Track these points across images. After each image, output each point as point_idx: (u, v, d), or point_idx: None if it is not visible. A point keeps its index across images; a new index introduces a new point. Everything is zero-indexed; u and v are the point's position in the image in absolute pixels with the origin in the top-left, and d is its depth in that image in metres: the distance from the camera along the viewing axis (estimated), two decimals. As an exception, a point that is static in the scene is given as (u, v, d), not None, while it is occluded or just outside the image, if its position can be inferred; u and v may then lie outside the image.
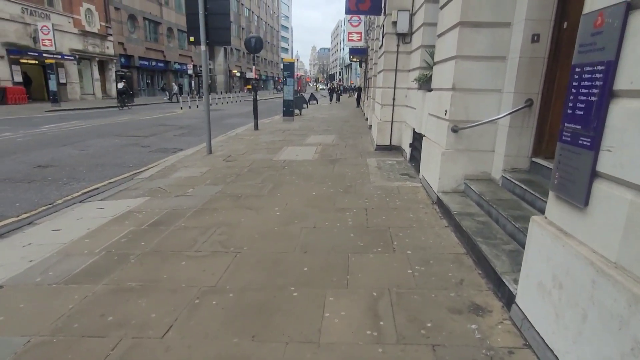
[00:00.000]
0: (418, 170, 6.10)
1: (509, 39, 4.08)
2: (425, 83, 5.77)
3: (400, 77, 7.77)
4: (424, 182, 5.33)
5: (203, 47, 7.68)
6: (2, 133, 11.22)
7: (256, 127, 12.49)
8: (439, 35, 4.91)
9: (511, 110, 3.96)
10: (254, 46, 11.85)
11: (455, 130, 4.34)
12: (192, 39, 7.73)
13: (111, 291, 2.78)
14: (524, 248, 2.79)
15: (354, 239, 3.64)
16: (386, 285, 2.78)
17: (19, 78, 22.73)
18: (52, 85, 21.49)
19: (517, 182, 3.77)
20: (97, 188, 6.01)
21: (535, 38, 3.82)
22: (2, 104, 20.78)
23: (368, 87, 15.84)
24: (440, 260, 3.17)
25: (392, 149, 8.10)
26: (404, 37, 7.56)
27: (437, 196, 4.52)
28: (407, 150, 7.13)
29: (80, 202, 5.27)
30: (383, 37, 7.89)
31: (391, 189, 5.28)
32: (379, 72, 9.02)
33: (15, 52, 22.13)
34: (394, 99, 7.88)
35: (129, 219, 4.36)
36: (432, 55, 5.99)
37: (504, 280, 2.51)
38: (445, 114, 4.46)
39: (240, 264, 3.16)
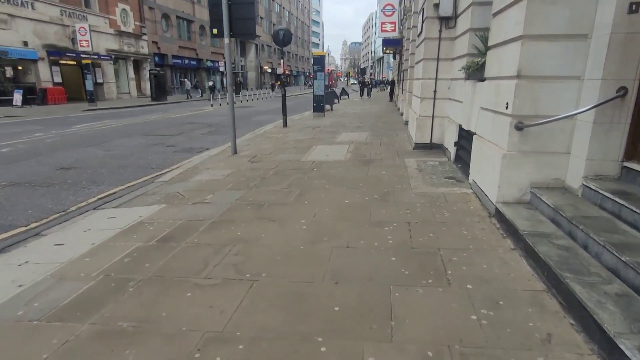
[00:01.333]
0: (466, 173, 5.29)
1: (594, 11, 3.22)
2: (475, 72, 4.95)
3: (443, 67, 6.91)
4: (476, 189, 4.53)
5: (226, 40, 7.17)
6: (34, 133, 11.30)
7: (285, 124, 11.95)
8: (496, 14, 4.08)
9: (598, 103, 3.11)
10: (283, 39, 11.28)
11: (519, 127, 3.54)
12: (215, 31, 7.24)
13: (97, 334, 2.25)
14: (637, 293, 2.01)
15: (396, 264, 2.95)
16: (444, 338, 2.09)
17: (58, 79, 23.43)
18: (89, 85, 21.99)
19: (606, 194, 2.94)
20: (114, 193, 5.64)
21: (634, 7, 2.95)
22: (42, 104, 21.45)
23: (403, 80, 14.90)
24: (512, 300, 2.42)
25: (432, 147, 7.27)
26: (448, 21, 6.70)
27: (496, 208, 3.73)
28: (452, 149, 6.30)
29: (94, 208, 4.89)
30: (423, 22, 7.06)
31: (436, 197, 4.52)
32: (417, 62, 8.18)
33: (54, 53, 22.79)
34: (435, 92, 7.04)
35: (139, 231, 3.88)
36: (484, 39, 5.15)
37: (622, 346, 1.75)
38: (507, 107, 3.66)
39: (256, 299, 2.56)
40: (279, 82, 58.00)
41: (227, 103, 7.75)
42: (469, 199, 4.41)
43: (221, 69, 40.74)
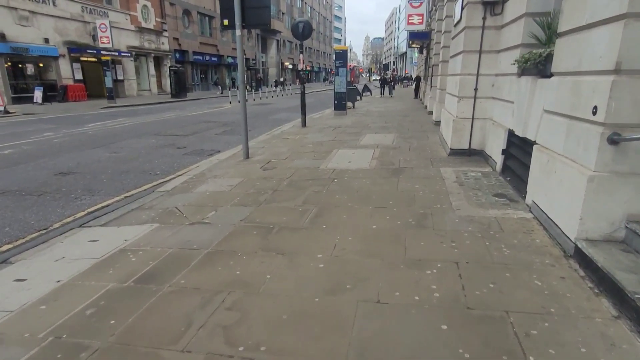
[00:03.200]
0: (520, 190, 4.33)
1: None
2: (536, 66, 3.98)
3: (486, 61, 5.92)
4: (538, 213, 3.58)
5: (238, 32, 6.39)
6: (44, 133, 10.90)
7: (304, 124, 11.14)
8: (575, -11, 3.12)
9: None
10: (302, 32, 10.44)
11: (615, 140, 2.59)
12: (225, 22, 6.48)
13: None
14: None
15: (450, 338, 2.08)
16: None
17: (79, 76, 23.37)
18: (108, 82, 21.78)
19: None
20: (107, 205, 4.98)
21: None
22: (63, 101, 21.41)
23: (431, 76, 13.82)
24: None
25: (471, 154, 6.30)
26: (493, 7, 5.70)
27: (576, 246, 2.80)
28: (497, 158, 5.33)
29: (80, 226, 4.23)
30: (463, 8, 6.08)
31: (488, 223, 3.60)
32: (453, 56, 7.19)
33: (75, 50, 22.72)
34: (476, 90, 6.06)
35: (118, 264, 3.15)
36: (545, 25, 4.17)
37: None
38: (594, 113, 2.71)
39: (247, 398, 1.75)
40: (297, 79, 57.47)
41: (238, 101, 6.98)
42: (530, 227, 3.47)
43: (242, 65, 40.31)
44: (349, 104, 16.79)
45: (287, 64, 56.98)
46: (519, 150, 4.62)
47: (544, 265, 2.79)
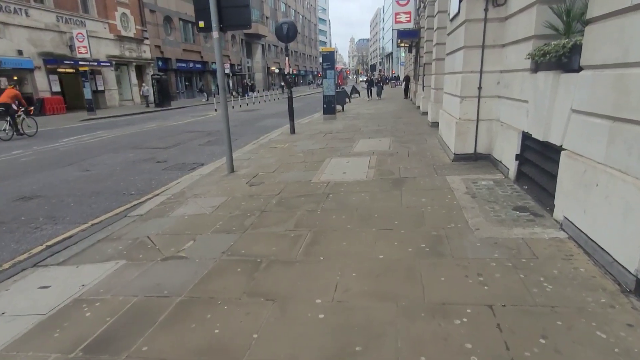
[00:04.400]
0: (542, 201, 3.79)
1: None
2: (559, 59, 3.44)
3: (490, 56, 5.40)
4: (574, 232, 3.03)
5: (215, 34, 5.77)
6: (13, 151, 10.07)
7: (292, 131, 10.55)
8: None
9: None
10: (287, 34, 9.88)
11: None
12: (201, 24, 5.85)
13: None
14: None
15: None
16: None
17: (57, 88, 22.44)
18: (87, 94, 20.91)
19: None
20: (70, 237, 4.32)
21: None
22: (40, 115, 20.44)
23: (423, 75, 13.34)
24: None
25: (477, 158, 5.77)
26: (496, -3, 5.19)
27: (638, 279, 2.25)
28: (510, 163, 4.79)
29: (33, 265, 3.58)
30: (461, 1, 5.56)
31: (516, 247, 3.03)
32: (451, 53, 6.67)
33: (52, 61, 21.80)
34: (479, 88, 5.53)
35: (67, 323, 2.52)
36: (562, 12, 3.67)
37: None
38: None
39: None
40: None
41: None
42: (568, 250, 2.92)
43: (227, 71, 39.62)
44: (338, 107, 16.26)
45: (273, 68, 56.39)
46: (538, 155, 4.08)
47: (601, 306, 2.23)
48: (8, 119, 12.27)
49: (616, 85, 2.56)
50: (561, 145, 3.40)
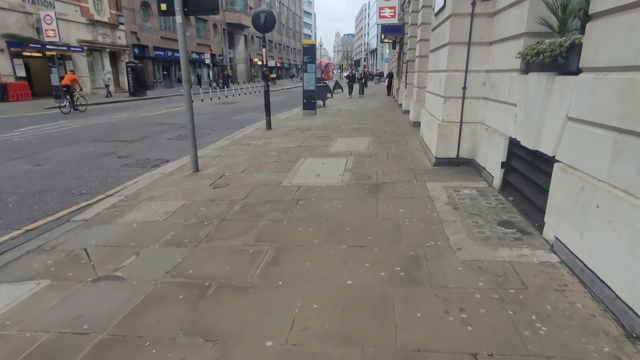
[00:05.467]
0: (529, 216, 3.44)
1: None
2: (554, 60, 3.07)
3: (476, 54, 5.04)
4: (566, 256, 2.68)
5: (179, 19, 5.21)
6: (-41, 140, 9.24)
7: (269, 126, 10.03)
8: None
9: None
10: (264, 23, 9.32)
11: None
12: (163, 6, 5.27)
13: None
14: None
15: None
16: None
17: (21, 73, 21.15)
18: (54, 80, 19.72)
19: None
20: (-3, 245, 3.73)
21: None
22: (2, 101, 19.22)
23: (406, 72, 12.98)
24: None
25: (460, 163, 5.42)
26: (484, -9, 4.81)
27: (647, 325, 1.89)
28: (495, 171, 4.44)
29: (-60, 285, 2.99)
30: (447, -7, 5.16)
31: (503, 273, 2.65)
32: (435, 50, 6.28)
33: (16, 44, 20.48)
34: (464, 89, 5.17)
35: (-51, 371, 1.99)
36: (557, 7, 3.30)
37: None
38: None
39: None
40: (271, 75, 55.78)
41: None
42: (561, 279, 2.55)
43: (207, 61, 38.54)
44: (320, 103, 15.80)
45: (256, 60, 55.21)
46: (526, 165, 3.73)
47: (604, 358, 1.86)
48: (68, 97, 15.77)
49: (624, 92, 2.19)
50: (554, 156, 3.04)
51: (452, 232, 3.31)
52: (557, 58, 3.01)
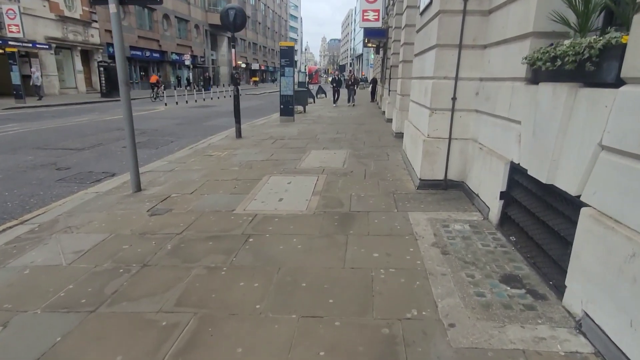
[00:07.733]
0: (539, 267, 2.64)
1: None
2: (579, 66, 2.28)
3: (468, 59, 4.27)
4: (604, 346, 1.87)
5: (113, 7, 4.29)
6: None
7: (238, 135, 9.12)
8: None
9: None
10: (234, 21, 8.43)
11: None
12: (94, -7, 4.34)
13: None
14: None
15: None
16: None
17: (-20, 70, 19.66)
18: (15, 78, 18.37)
19: None
20: None
21: None
22: (-44, 100, 17.73)
23: (389, 78, 12.26)
24: None
25: (448, 186, 4.62)
26: (479, -16, 4.04)
27: None
28: (493, 202, 3.64)
29: None
30: (435, -13, 4.38)
31: (515, 372, 1.83)
32: (420, 53, 5.50)
33: (-26, 39, 19.03)
34: (454, 99, 4.38)
35: None
36: (578, 1, 2.53)
37: None
38: None
39: None
40: (255, 79, 54.68)
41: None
42: (601, 388, 1.74)
43: (187, 62, 37.32)
44: (299, 108, 14.98)
45: (240, 62, 54.11)
46: (535, 200, 2.93)
47: None
48: (155, 89, 22.78)
49: None
50: (578, 196, 2.24)
51: (442, 294, 2.47)
52: (584, 64, 2.22)
